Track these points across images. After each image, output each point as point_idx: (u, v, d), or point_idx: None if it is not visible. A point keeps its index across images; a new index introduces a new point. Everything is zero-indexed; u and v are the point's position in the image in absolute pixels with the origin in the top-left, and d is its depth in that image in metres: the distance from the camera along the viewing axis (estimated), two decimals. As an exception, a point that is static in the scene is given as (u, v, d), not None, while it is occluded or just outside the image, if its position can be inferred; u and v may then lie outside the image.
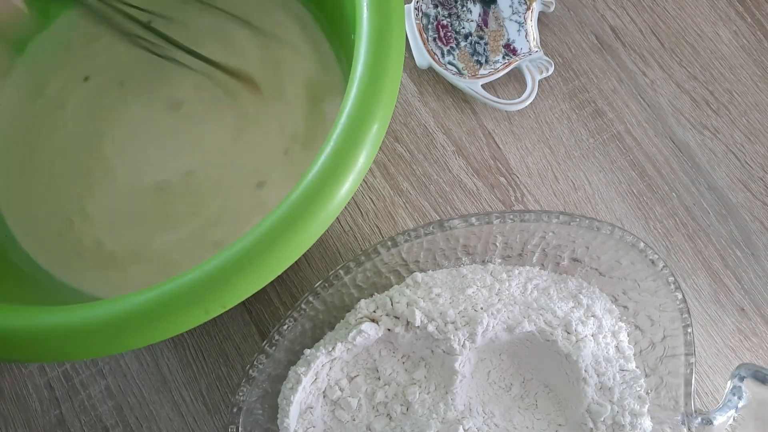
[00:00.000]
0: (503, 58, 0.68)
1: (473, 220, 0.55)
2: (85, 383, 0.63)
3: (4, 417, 0.62)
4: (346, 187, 0.43)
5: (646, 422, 0.53)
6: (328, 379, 0.55)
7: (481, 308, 0.54)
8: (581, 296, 0.56)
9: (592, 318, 0.55)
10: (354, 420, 0.55)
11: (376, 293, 0.57)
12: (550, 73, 0.68)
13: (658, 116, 0.68)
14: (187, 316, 0.41)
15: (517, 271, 0.58)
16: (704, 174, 0.67)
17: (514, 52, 0.68)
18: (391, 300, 0.55)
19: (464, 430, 0.53)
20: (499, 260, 0.59)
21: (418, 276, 0.57)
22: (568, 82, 0.69)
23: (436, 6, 0.68)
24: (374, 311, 0.55)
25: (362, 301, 0.56)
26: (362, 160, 0.43)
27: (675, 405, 0.54)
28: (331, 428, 0.55)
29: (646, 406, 0.54)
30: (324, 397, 0.55)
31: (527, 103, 0.67)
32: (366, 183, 0.66)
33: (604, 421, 0.53)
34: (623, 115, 0.68)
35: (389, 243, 0.55)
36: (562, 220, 0.55)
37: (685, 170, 0.67)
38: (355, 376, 0.56)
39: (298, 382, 0.53)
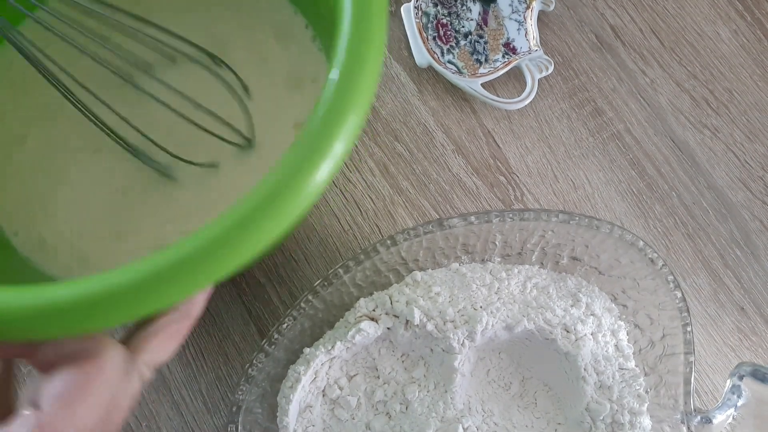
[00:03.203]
0: (503, 56, 0.68)
1: (472, 218, 0.55)
2: (84, 382, 0.63)
3: (4, 416, 0.62)
4: (327, 166, 0.42)
5: (645, 421, 0.53)
6: (328, 378, 0.55)
7: (481, 307, 0.54)
8: (580, 295, 0.56)
9: (592, 317, 0.55)
10: (353, 418, 0.55)
11: (375, 292, 0.57)
12: (549, 72, 0.68)
13: (657, 115, 0.68)
14: (178, 287, 0.41)
15: (516, 270, 0.57)
16: (704, 173, 0.67)
17: (513, 50, 0.68)
18: (390, 299, 0.55)
19: (463, 428, 0.53)
20: (499, 259, 0.59)
21: (418, 275, 0.57)
22: (567, 81, 0.69)
23: (435, 5, 0.68)
24: (373, 310, 0.55)
25: (361, 299, 0.56)
26: (349, 130, 0.43)
27: (674, 404, 0.54)
28: (331, 427, 0.55)
29: (646, 405, 0.54)
30: (323, 395, 0.55)
31: (527, 102, 0.67)
32: (366, 182, 0.66)
33: (603, 420, 0.53)
34: (623, 114, 0.68)
35: (389, 242, 0.55)
36: (561, 219, 0.55)
37: (684, 169, 0.67)
38: (354, 375, 0.56)
39: (298, 380, 0.53)
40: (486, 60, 0.68)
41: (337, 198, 0.66)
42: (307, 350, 0.54)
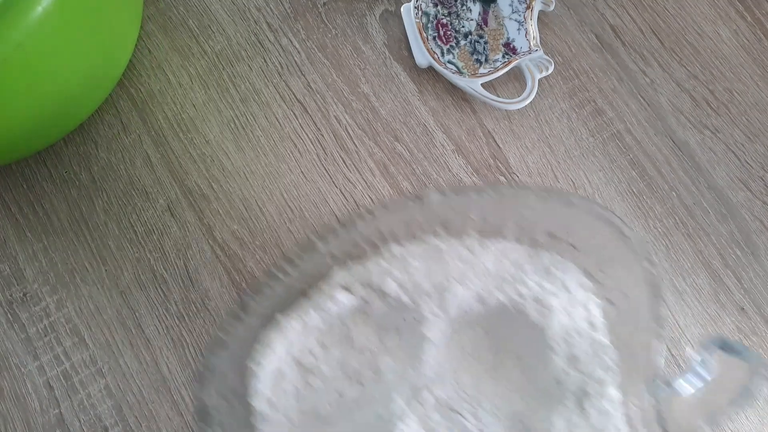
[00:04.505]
0: (503, 57, 0.68)
1: (451, 194, 0.55)
2: (84, 382, 0.63)
3: (4, 416, 0.62)
4: None
5: (614, 392, 0.52)
6: (302, 347, 0.55)
7: (455, 279, 0.54)
8: (554, 270, 0.55)
9: (565, 291, 0.55)
10: (326, 386, 0.55)
11: (351, 263, 0.57)
12: (549, 72, 0.68)
13: (658, 115, 0.68)
14: None
15: (492, 246, 0.57)
16: (704, 173, 0.66)
17: (513, 51, 0.68)
18: (366, 270, 0.55)
19: (435, 397, 0.53)
20: (476, 234, 0.58)
21: (395, 248, 0.57)
22: (567, 81, 0.69)
23: (435, 5, 0.69)
24: (349, 281, 0.55)
25: (337, 270, 0.56)
26: None
27: (644, 377, 0.53)
28: (303, 395, 0.55)
29: (615, 377, 0.53)
30: (297, 364, 0.55)
31: (527, 102, 0.67)
32: (366, 182, 0.67)
33: (574, 392, 0.53)
34: (623, 115, 0.68)
35: (366, 215, 0.55)
36: (538, 195, 0.54)
37: (685, 169, 0.66)
38: (328, 344, 0.56)
39: (270, 346, 0.53)
40: (486, 60, 0.68)
41: (337, 198, 0.67)
42: (279, 316, 0.54)
